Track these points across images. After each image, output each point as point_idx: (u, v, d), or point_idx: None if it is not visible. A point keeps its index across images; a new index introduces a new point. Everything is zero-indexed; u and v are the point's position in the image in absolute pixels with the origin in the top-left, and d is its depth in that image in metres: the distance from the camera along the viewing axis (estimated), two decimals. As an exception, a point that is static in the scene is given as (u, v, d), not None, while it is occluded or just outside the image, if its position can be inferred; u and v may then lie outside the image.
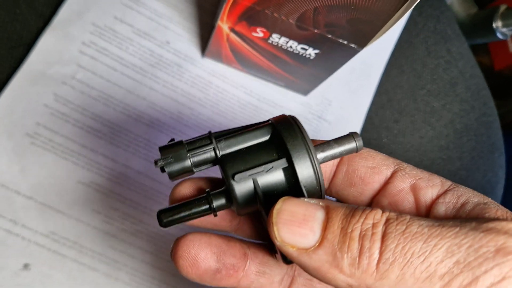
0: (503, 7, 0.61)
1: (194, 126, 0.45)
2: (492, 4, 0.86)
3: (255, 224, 0.29)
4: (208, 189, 0.25)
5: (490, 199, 0.23)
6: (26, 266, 0.39)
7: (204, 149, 0.23)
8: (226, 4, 0.34)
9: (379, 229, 0.19)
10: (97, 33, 0.44)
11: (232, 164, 0.23)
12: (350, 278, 0.19)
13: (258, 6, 0.32)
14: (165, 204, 0.43)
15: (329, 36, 0.34)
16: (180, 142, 0.23)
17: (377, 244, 0.18)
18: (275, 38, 0.37)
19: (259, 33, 0.37)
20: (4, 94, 0.41)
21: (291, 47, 0.38)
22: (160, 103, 0.45)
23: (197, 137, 0.24)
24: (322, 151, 0.24)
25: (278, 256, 0.26)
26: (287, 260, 0.22)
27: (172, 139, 0.24)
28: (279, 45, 0.38)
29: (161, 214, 0.24)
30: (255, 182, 0.22)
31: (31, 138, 0.41)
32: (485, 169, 0.56)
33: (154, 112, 0.45)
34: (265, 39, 0.38)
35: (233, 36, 0.39)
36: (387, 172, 0.26)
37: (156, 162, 0.23)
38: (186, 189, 0.27)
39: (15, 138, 0.40)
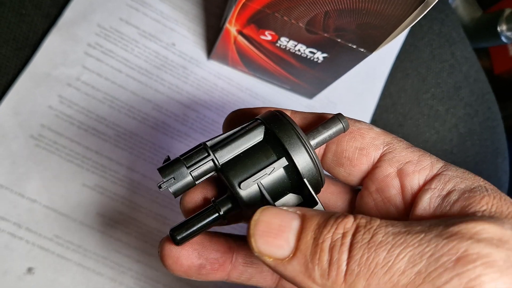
0: (507, 11, 0.61)
1: (199, 129, 0.45)
2: (495, 7, 0.86)
3: None
4: (213, 199, 0.25)
5: (480, 181, 0.22)
6: (30, 270, 0.38)
7: (202, 162, 0.23)
8: (236, 7, 0.33)
9: (347, 240, 0.19)
10: (102, 34, 0.44)
11: (235, 172, 0.23)
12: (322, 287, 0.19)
13: (268, 9, 0.32)
14: (170, 208, 0.43)
15: (339, 40, 0.34)
16: (178, 160, 0.23)
17: (344, 256, 0.19)
18: (284, 41, 0.37)
19: (268, 36, 0.37)
20: (9, 95, 0.40)
21: (299, 50, 0.38)
22: (165, 105, 0.45)
23: (192, 150, 0.24)
24: (313, 138, 0.24)
25: None
26: None
27: (167, 158, 0.24)
28: (287, 49, 0.38)
29: (174, 232, 0.24)
30: (259, 185, 0.23)
31: (35, 140, 0.40)
32: (489, 174, 0.56)
33: (159, 114, 0.44)
34: (273, 42, 0.37)
35: (240, 39, 0.39)
36: (375, 155, 0.25)
37: (160, 186, 0.23)
38: (194, 197, 0.27)
39: (19, 140, 0.40)
